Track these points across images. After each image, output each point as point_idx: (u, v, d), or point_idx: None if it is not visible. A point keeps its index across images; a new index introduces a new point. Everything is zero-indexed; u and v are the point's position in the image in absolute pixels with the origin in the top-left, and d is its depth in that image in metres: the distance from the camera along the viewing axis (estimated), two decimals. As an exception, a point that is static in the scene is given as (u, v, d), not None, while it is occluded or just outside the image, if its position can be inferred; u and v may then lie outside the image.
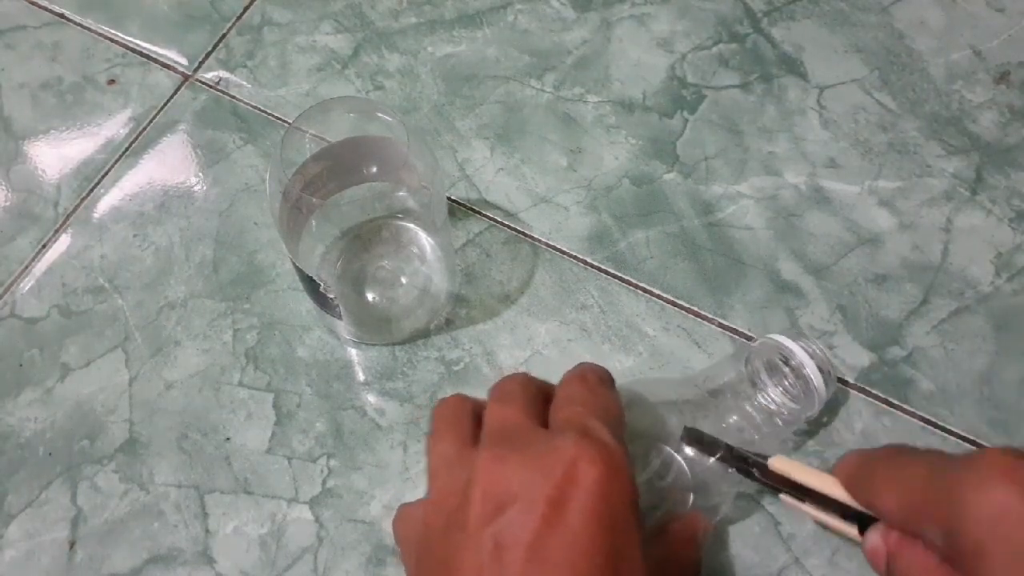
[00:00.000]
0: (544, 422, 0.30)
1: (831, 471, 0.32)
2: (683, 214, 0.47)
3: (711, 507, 0.37)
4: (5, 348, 0.44)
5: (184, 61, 0.53)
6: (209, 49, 0.53)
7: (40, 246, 0.47)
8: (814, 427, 0.41)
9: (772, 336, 0.39)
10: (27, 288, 0.46)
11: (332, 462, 0.41)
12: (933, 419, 0.41)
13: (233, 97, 0.51)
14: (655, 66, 0.51)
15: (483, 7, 0.54)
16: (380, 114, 0.39)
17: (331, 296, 0.40)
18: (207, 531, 0.40)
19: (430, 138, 0.49)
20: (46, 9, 0.55)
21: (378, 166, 0.41)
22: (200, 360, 0.44)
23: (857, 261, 0.45)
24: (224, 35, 0.53)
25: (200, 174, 0.49)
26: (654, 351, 0.43)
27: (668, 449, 0.36)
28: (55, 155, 0.50)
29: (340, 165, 0.40)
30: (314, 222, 0.41)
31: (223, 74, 0.52)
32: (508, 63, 0.52)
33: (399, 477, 0.41)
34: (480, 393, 0.33)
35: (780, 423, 0.38)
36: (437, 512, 0.28)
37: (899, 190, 0.47)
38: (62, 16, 0.54)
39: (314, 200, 0.38)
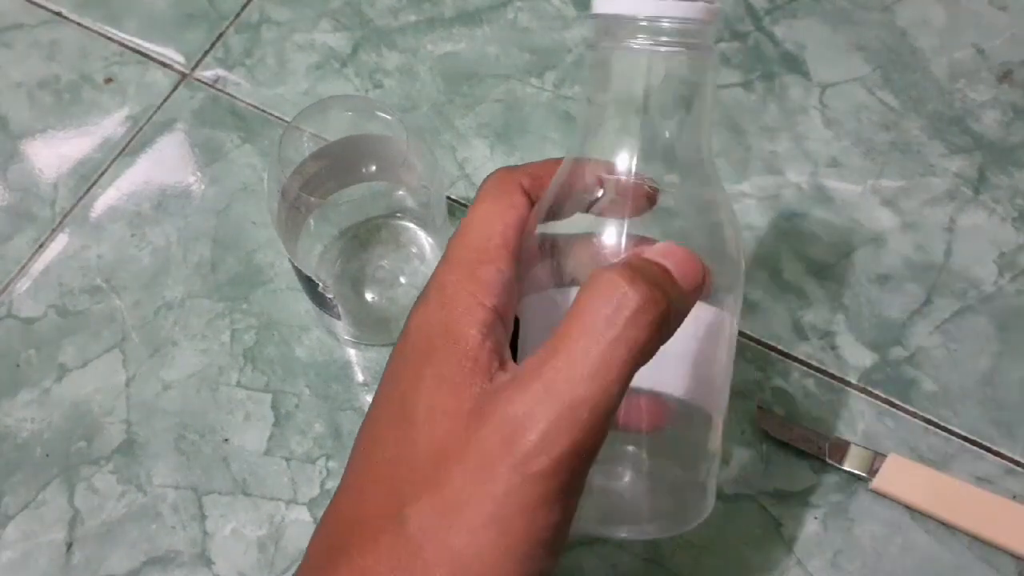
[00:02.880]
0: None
1: None
2: (684, 213, 0.46)
3: None
4: (2, 348, 0.44)
5: (182, 59, 0.52)
6: (207, 47, 0.53)
7: (37, 246, 0.47)
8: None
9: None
10: (24, 288, 0.46)
11: (331, 463, 0.41)
12: (936, 420, 0.41)
13: (231, 96, 0.51)
14: (656, 64, 0.51)
15: (483, 5, 0.53)
16: (379, 113, 0.39)
17: (330, 296, 0.40)
18: (205, 533, 0.40)
19: (429, 137, 0.49)
20: (43, 7, 0.54)
21: (377, 165, 0.41)
22: (198, 360, 0.43)
23: (859, 261, 0.45)
24: (222, 33, 0.53)
25: (198, 173, 0.49)
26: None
27: None
28: (52, 154, 0.50)
29: (339, 164, 0.40)
30: (312, 221, 0.40)
31: (221, 72, 0.52)
32: (508, 61, 0.52)
33: (398, 478, 0.40)
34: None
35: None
36: None
37: (902, 189, 0.47)
38: (59, 14, 0.54)
39: (312, 199, 0.38)
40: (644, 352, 0.22)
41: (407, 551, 0.22)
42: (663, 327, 0.22)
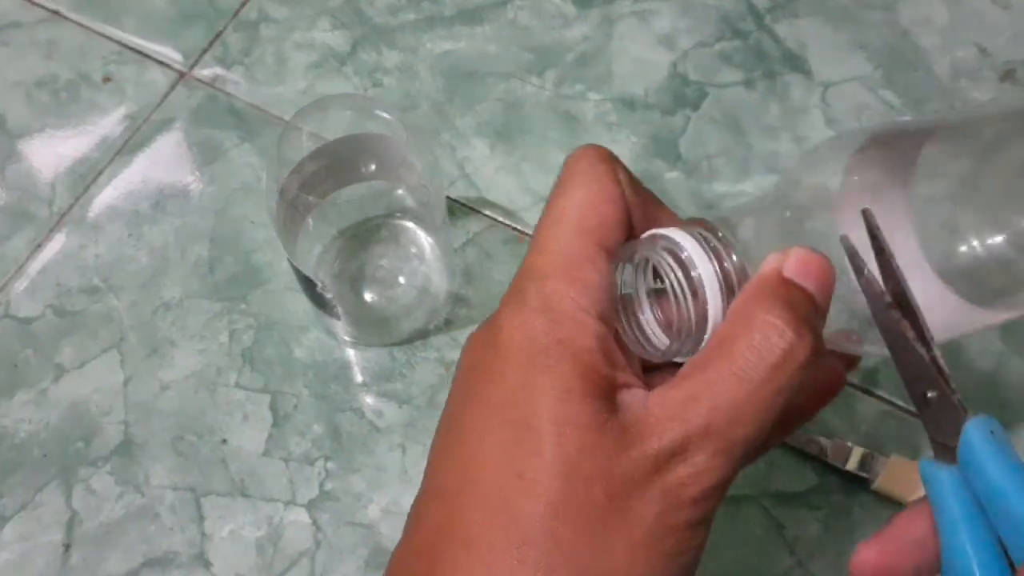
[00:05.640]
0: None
1: None
2: (685, 213, 0.46)
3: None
4: (-1, 349, 0.44)
5: (180, 58, 0.52)
6: (205, 46, 0.52)
7: (35, 246, 0.47)
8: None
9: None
10: (22, 288, 0.45)
11: (330, 464, 0.41)
12: (938, 421, 0.41)
13: (229, 95, 0.51)
14: (657, 63, 0.51)
15: (483, 3, 0.53)
16: (378, 112, 0.39)
17: (329, 296, 0.40)
18: (203, 534, 0.39)
19: (429, 136, 0.49)
20: (40, 6, 0.54)
21: (376, 164, 0.40)
22: (196, 361, 0.43)
23: (861, 261, 0.45)
24: (220, 32, 0.53)
25: (196, 173, 0.48)
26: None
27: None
28: (50, 153, 0.49)
29: (338, 163, 0.40)
30: (311, 221, 0.40)
31: (219, 71, 0.51)
32: (508, 60, 0.51)
33: (398, 480, 0.40)
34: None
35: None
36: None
37: (904, 189, 0.47)
38: (57, 13, 0.54)
39: (311, 199, 0.38)
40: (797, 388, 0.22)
41: (540, 570, 0.21)
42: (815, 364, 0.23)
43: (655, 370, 0.26)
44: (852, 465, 0.39)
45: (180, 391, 0.42)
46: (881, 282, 0.23)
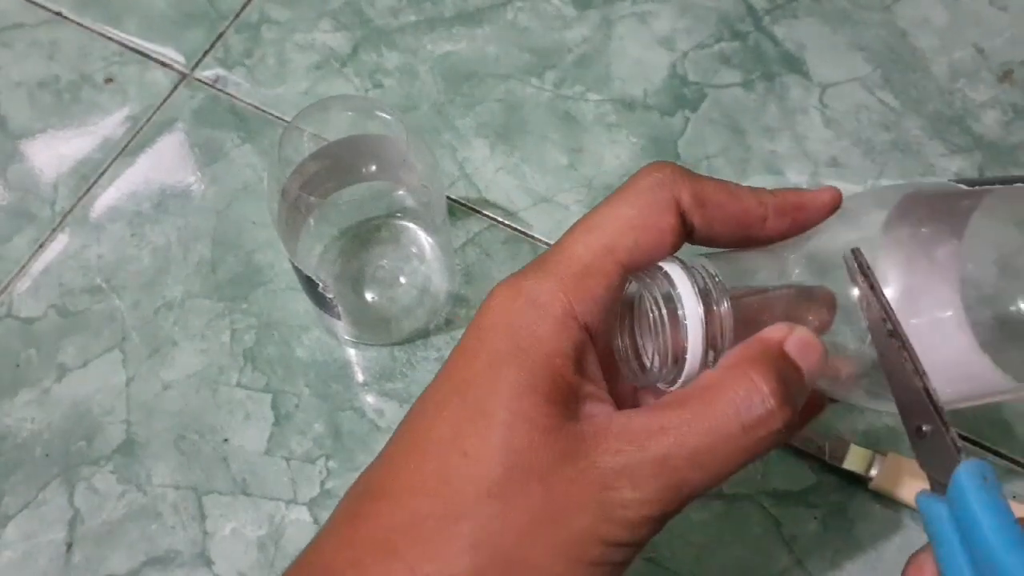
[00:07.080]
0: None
1: None
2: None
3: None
4: (2, 348, 0.44)
5: (182, 59, 0.52)
6: (207, 47, 0.53)
7: (37, 246, 0.47)
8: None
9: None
10: (24, 288, 0.46)
11: (331, 463, 0.41)
12: (936, 420, 0.41)
13: (231, 96, 0.51)
14: (656, 64, 0.51)
15: (483, 5, 0.53)
16: (379, 113, 0.39)
17: (330, 296, 0.40)
18: (205, 532, 0.40)
19: (429, 137, 0.49)
20: (43, 7, 0.54)
21: (377, 165, 0.41)
22: (198, 360, 0.43)
23: (859, 261, 0.45)
24: (222, 33, 0.53)
25: (198, 173, 0.49)
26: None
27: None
28: (52, 154, 0.50)
29: (339, 164, 0.40)
30: (312, 221, 0.40)
31: (221, 72, 0.52)
32: (508, 61, 0.52)
33: (398, 478, 0.40)
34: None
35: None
36: None
37: (901, 189, 0.47)
38: (59, 14, 0.54)
39: (313, 199, 0.38)
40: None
41: (461, 553, 0.22)
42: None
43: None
44: (849, 463, 0.39)
45: (182, 390, 0.43)
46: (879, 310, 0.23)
